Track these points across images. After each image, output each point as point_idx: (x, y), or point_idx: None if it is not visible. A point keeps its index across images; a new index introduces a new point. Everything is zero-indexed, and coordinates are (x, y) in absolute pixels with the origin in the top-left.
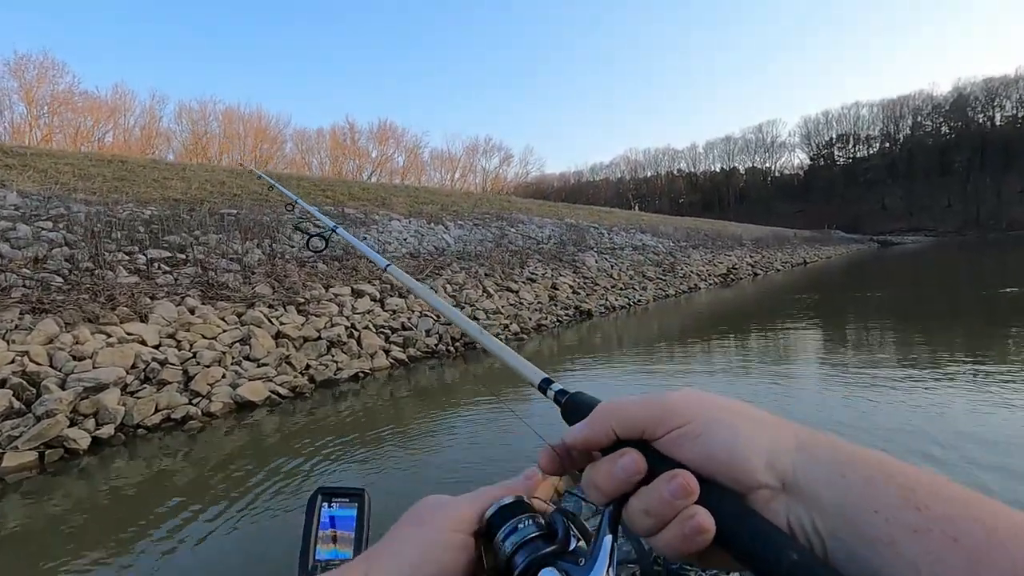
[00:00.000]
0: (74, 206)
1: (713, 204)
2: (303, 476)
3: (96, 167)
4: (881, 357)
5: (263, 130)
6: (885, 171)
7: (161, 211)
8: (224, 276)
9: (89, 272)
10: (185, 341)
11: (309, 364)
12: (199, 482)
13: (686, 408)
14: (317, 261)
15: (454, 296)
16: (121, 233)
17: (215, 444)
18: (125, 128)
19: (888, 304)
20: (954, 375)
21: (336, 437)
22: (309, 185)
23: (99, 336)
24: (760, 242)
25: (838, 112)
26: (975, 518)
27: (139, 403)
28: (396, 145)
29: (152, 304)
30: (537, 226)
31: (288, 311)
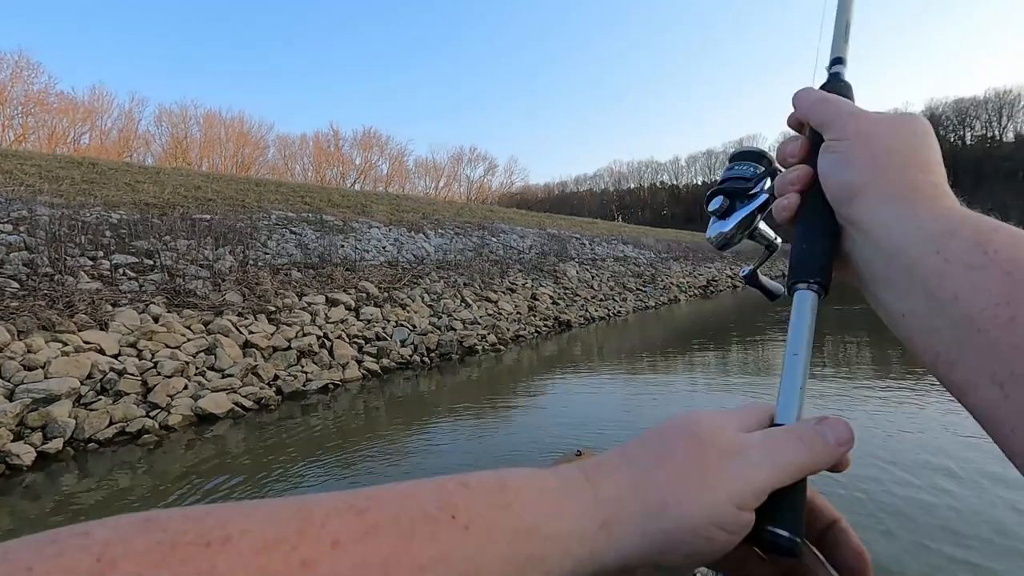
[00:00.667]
0: (38, 209)
1: (695, 216)
2: (267, 492)
3: (65, 169)
4: (852, 367)
5: (244, 135)
6: None
7: (131, 215)
8: (193, 283)
9: (48, 277)
10: (147, 350)
11: (278, 375)
12: (155, 499)
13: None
14: (291, 269)
15: (431, 306)
16: (86, 237)
17: (173, 459)
18: (102, 130)
19: (859, 316)
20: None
21: (303, 452)
22: (288, 191)
23: (54, 345)
24: (740, 255)
25: None
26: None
27: (92, 416)
28: (380, 153)
29: (113, 311)
30: (519, 236)
31: (258, 320)
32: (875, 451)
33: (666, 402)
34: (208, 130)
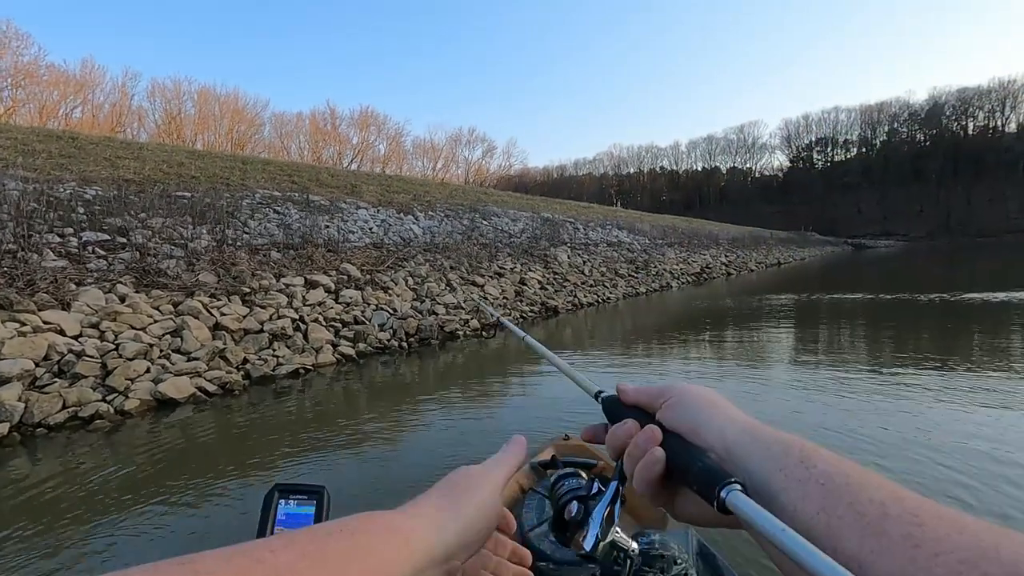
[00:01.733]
0: (8, 183)
1: (694, 202)
2: (231, 479)
3: (42, 143)
4: (842, 361)
5: (240, 111)
6: (861, 175)
7: (107, 191)
8: (165, 263)
9: (11, 255)
10: (109, 332)
11: (247, 358)
12: (108, 489)
13: (682, 388)
14: (271, 249)
15: (415, 289)
16: (56, 214)
17: (128, 446)
18: (94, 104)
19: (856, 309)
20: (914, 379)
21: (267, 440)
22: (275, 169)
23: (11, 324)
24: (736, 242)
25: (818, 116)
26: (844, 473)
27: (43, 399)
28: (378, 132)
29: (77, 291)
30: (511, 219)
31: (232, 301)
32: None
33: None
34: (203, 106)
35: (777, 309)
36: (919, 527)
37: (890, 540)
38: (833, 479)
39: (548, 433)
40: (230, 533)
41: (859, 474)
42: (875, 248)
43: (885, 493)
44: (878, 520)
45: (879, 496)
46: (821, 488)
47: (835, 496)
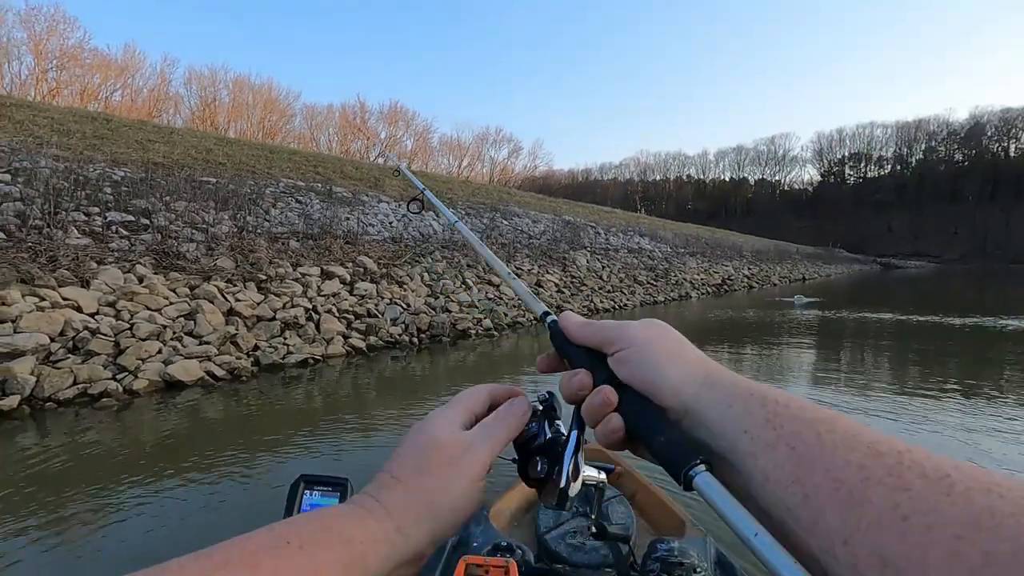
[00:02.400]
0: (42, 160)
1: (720, 213)
2: (237, 462)
3: (77, 123)
4: (863, 383)
5: (272, 101)
6: (894, 193)
7: (135, 173)
8: (185, 246)
9: (37, 230)
10: (125, 311)
11: (258, 345)
12: (114, 465)
13: (633, 336)
14: (290, 238)
15: (430, 286)
16: (84, 192)
17: (136, 424)
18: (133, 89)
19: (882, 328)
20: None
21: (272, 427)
22: (301, 159)
23: (30, 299)
24: (760, 255)
25: (852, 130)
26: (815, 431)
27: (55, 374)
28: (406, 128)
29: (97, 269)
30: (532, 220)
31: (247, 287)
32: None
33: None
34: (237, 95)
35: (799, 324)
36: (905, 492)
37: (875, 511)
38: (803, 439)
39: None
40: (235, 513)
41: (830, 426)
42: (905, 268)
43: (862, 451)
44: (859, 487)
45: (855, 457)
46: (791, 452)
47: (808, 462)
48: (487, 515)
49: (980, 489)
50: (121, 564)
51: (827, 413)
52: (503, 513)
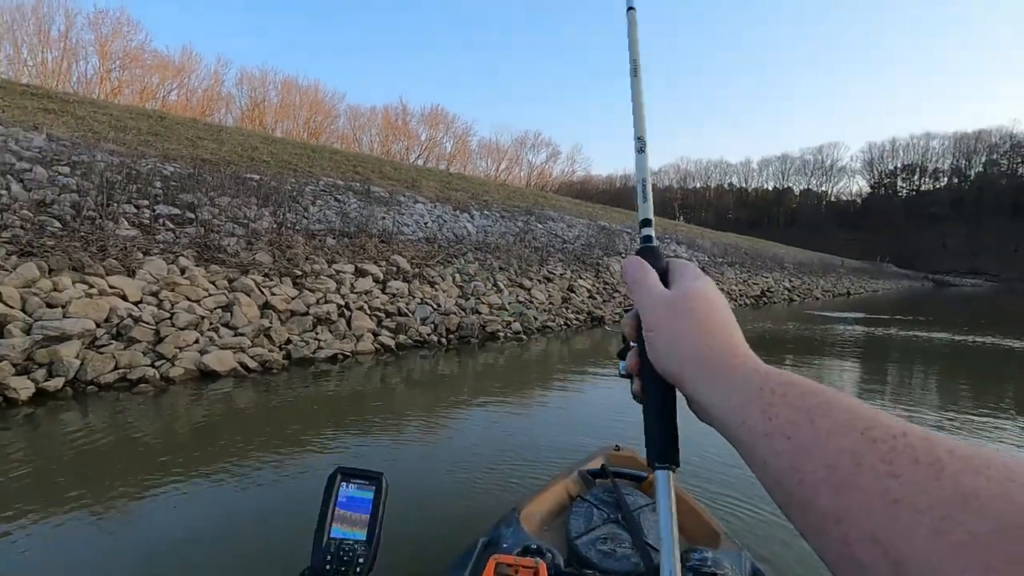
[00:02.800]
0: (99, 155)
1: (762, 222)
2: (267, 451)
3: (133, 120)
4: (911, 404)
5: (318, 102)
6: (950, 207)
7: (184, 169)
8: (226, 240)
9: (90, 221)
10: (167, 301)
11: (290, 339)
12: (155, 447)
13: (654, 322)
14: (327, 235)
15: (461, 287)
16: (136, 186)
17: (173, 410)
18: (188, 89)
19: (934, 349)
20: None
21: (304, 418)
22: (341, 159)
23: (80, 286)
24: (803, 267)
25: (906, 141)
26: (810, 419)
27: (98, 359)
28: (446, 130)
29: (143, 260)
30: (567, 225)
31: (283, 282)
32: None
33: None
34: (285, 96)
35: (841, 339)
36: (896, 479)
37: (866, 496)
38: (799, 428)
39: (594, 441)
40: (265, 500)
41: (825, 411)
42: (959, 286)
43: (855, 437)
44: (851, 473)
45: (848, 443)
46: (788, 443)
47: (804, 451)
48: (518, 517)
49: (969, 471)
50: (155, 540)
51: (823, 397)
52: (533, 516)
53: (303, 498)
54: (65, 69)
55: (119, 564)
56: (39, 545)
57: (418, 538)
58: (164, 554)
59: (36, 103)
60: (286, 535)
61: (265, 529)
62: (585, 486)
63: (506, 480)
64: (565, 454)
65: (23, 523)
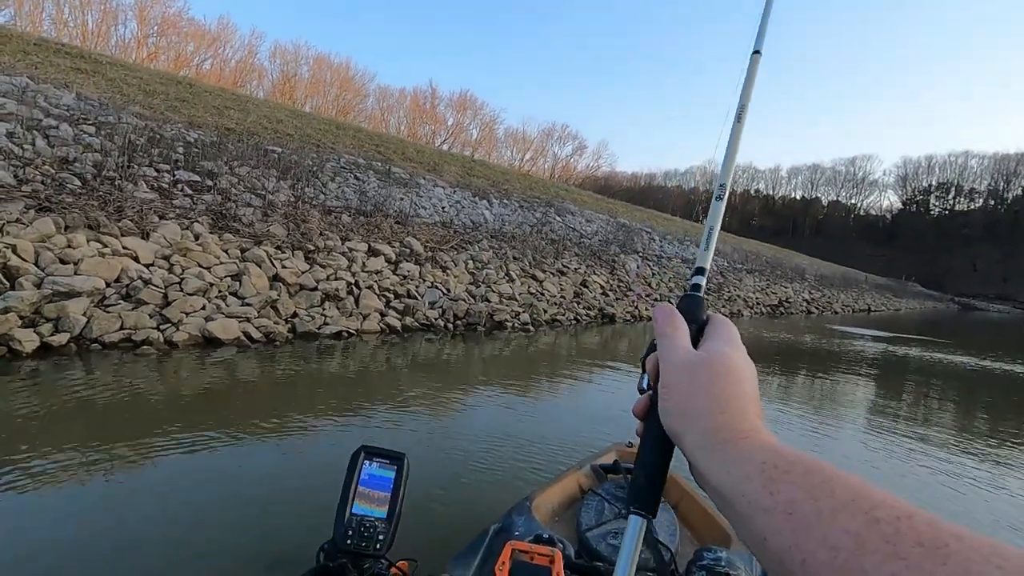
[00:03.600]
0: (125, 117)
1: (786, 231)
2: (269, 420)
3: (163, 85)
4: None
5: (348, 80)
6: (984, 230)
7: (208, 136)
8: (243, 210)
9: (110, 181)
10: (178, 266)
11: (297, 312)
12: (155, 409)
13: (666, 381)
14: (343, 212)
15: (473, 273)
16: (158, 150)
17: (175, 374)
18: (223, 59)
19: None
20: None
21: (309, 390)
22: (365, 137)
23: (94, 244)
24: (824, 280)
25: (943, 159)
26: (813, 498)
27: (104, 317)
28: (473, 117)
29: (158, 223)
30: (585, 219)
31: (295, 256)
32: None
33: None
34: (316, 72)
35: (857, 357)
36: (901, 561)
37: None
38: (802, 507)
39: (604, 437)
40: (266, 466)
41: (828, 490)
42: (986, 311)
43: (860, 519)
44: (855, 556)
45: (853, 525)
46: (789, 519)
47: (806, 531)
48: (530, 506)
49: (978, 559)
50: (160, 503)
51: (827, 475)
52: (545, 506)
53: (308, 471)
54: (104, 32)
55: (124, 523)
56: (36, 500)
57: (429, 520)
58: (169, 519)
59: (69, 62)
60: (299, 506)
61: (278, 498)
62: (597, 480)
63: (514, 470)
64: (573, 448)
65: (22, 476)
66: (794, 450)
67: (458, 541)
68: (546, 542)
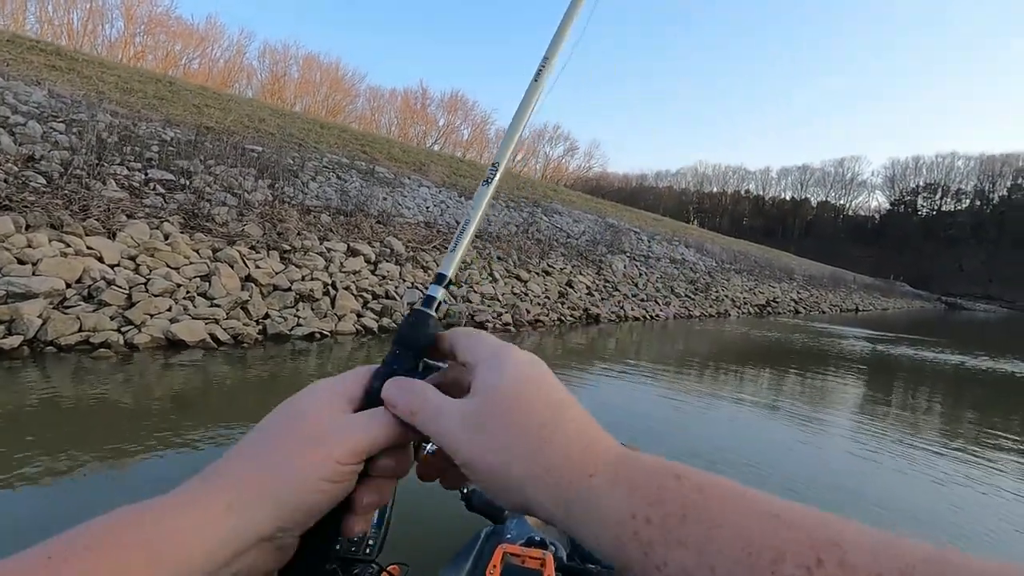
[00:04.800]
0: (99, 115)
1: (776, 232)
2: (229, 427)
3: (141, 83)
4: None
5: (338, 80)
6: (970, 230)
7: (185, 135)
8: (217, 209)
9: (78, 179)
10: (144, 266)
11: (269, 313)
12: (105, 414)
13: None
14: (323, 212)
15: (455, 274)
16: (131, 148)
17: (136, 377)
18: (211, 59)
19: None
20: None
21: (278, 395)
22: (350, 137)
23: (56, 244)
24: (813, 280)
25: (931, 159)
26: (707, 564)
27: (61, 319)
28: (464, 117)
29: (126, 222)
30: (573, 219)
31: (270, 256)
32: None
33: (687, 410)
34: (306, 72)
35: (843, 355)
36: None
37: None
38: (691, 573)
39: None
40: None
41: (716, 547)
42: (972, 310)
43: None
44: None
45: None
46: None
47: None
48: None
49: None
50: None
51: (709, 516)
52: None
53: None
54: (91, 31)
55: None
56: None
57: (419, 524)
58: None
59: (43, 59)
60: None
61: None
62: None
63: None
64: None
65: None
66: (656, 467)
67: (449, 545)
68: (538, 544)
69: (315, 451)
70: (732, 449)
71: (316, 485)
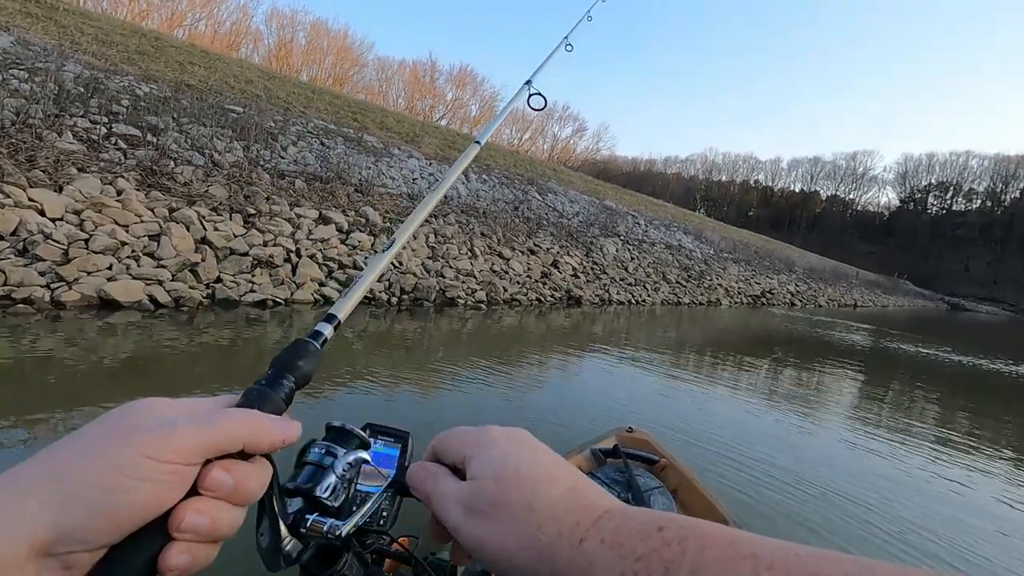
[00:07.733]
0: (69, 65)
1: (783, 223)
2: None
3: (124, 37)
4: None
5: (346, 49)
6: (978, 231)
7: (161, 91)
8: (181, 168)
9: (31, 129)
10: (90, 222)
11: (221, 278)
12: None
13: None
14: (297, 177)
15: (433, 247)
16: (99, 101)
17: (55, 335)
18: (217, 20)
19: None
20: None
21: (211, 362)
22: (342, 103)
23: None
24: (813, 273)
25: (944, 157)
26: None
27: None
28: (473, 92)
29: (76, 176)
30: (568, 200)
31: (233, 219)
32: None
33: (656, 392)
34: (313, 38)
35: (834, 348)
36: None
37: None
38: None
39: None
40: None
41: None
42: (975, 312)
43: None
44: None
45: None
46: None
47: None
48: None
49: None
50: None
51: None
52: None
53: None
54: None
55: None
56: None
57: (416, 508)
58: None
59: (18, 5)
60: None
61: None
62: (596, 464)
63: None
64: (548, 434)
65: None
66: (647, 525)
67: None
68: None
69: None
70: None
71: (118, 482)
